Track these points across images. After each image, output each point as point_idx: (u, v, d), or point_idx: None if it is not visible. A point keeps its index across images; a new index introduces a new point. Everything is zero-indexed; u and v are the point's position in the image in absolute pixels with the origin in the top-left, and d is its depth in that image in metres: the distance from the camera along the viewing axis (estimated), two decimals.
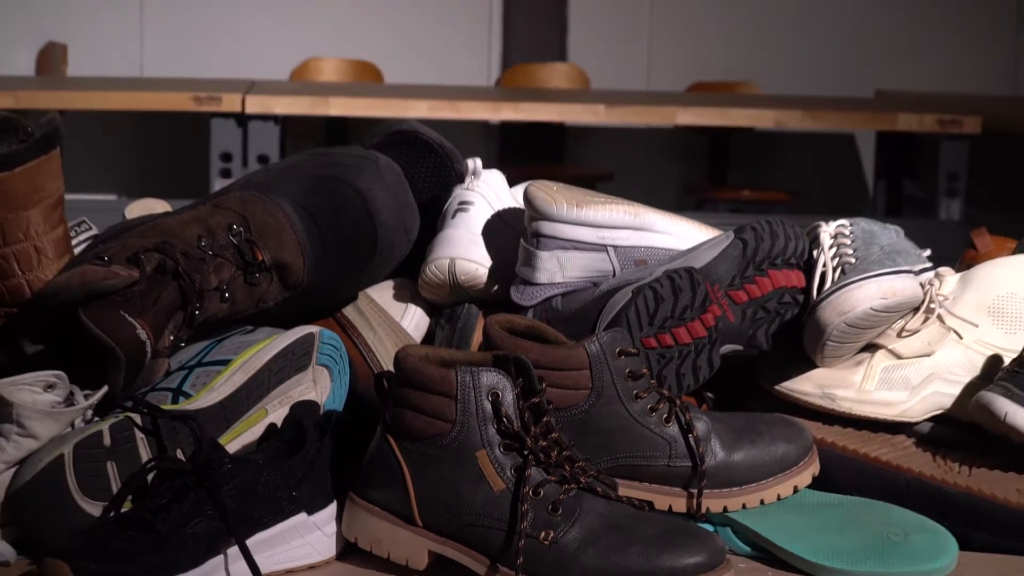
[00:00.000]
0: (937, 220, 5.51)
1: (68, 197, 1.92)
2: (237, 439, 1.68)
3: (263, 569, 1.49)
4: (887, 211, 6.15)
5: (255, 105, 5.42)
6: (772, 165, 7.28)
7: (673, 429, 1.67)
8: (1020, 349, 1.83)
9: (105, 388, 1.65)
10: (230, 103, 5.42)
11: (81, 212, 2.16)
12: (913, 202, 6.18)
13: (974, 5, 7.35)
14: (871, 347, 1.93)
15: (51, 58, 6.77)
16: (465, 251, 2.04)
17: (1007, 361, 1.85)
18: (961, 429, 1.87)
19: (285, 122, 5.53)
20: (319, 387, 1.75)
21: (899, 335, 1.93)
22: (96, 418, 1.66)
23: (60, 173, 1.90)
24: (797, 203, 6.80)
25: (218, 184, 5.35)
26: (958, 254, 2.30)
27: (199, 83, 5.93)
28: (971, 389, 1.88)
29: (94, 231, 2.06)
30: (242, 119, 5.43)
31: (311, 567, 1.58)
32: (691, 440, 1.66)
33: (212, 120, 5.44)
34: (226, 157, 5.43)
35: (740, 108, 5.92)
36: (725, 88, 7.06)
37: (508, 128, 7.05)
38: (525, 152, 7.08)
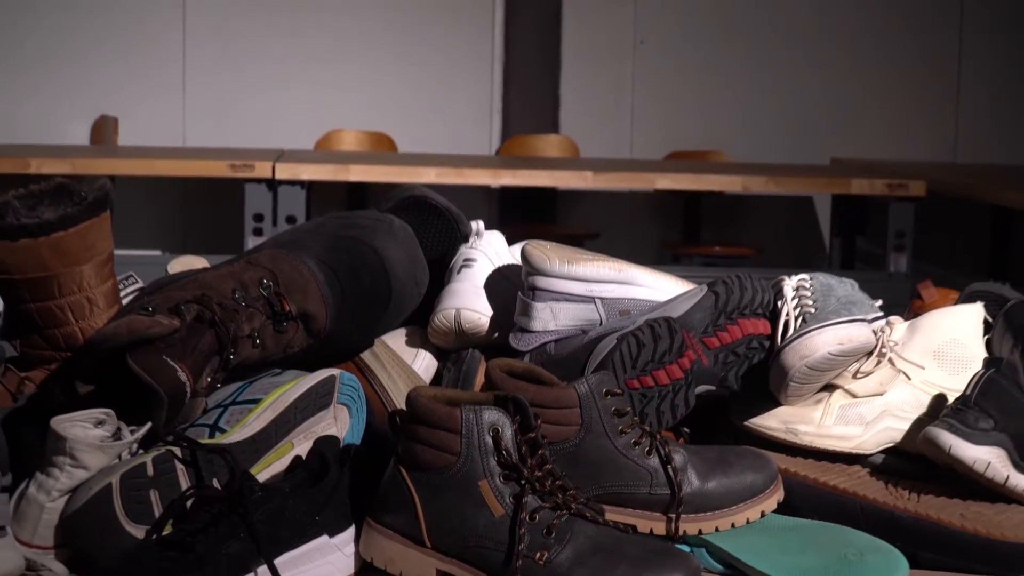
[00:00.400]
0: (887, 273, 5.51)
1: (117, 252, 1.92)
2: (267, 469, 1.67)
3: None
4: (842, 265, 6.15)
5: (284, 172, 5.42)
6: (740, 224, 7.28)
7: (654, 461, 1.66)
8: (963, 389, 1.82)
9: (149, 424, 1.64)
10: (262, 170, 5.42)
11: (129, 266, 2.16)
12: (865, 257, 6.18)
13: (918, 82, 7.37)
14: (829, 387, 1.92)
15: (104, 130, 6.78)
16: (469, 302, 2.04)
17: (951, 400, 1.85)
18: (910, 460, 1.87)
19: (310, 187, 5.53)
20: (340, 423, 1.75)
21: (854, 376, 1.92)
22: (141, 451, 1.65)
23: (110, 233, 1.90)
24: (762, 258, 6.80)
25: (251, 241, 5.35)
26: (906, 304, 2.30)
27: (234, 152, 5.94)
28: (919, 425, 1.87)
29: (140, 284, 2.06)
30: (272, 184, 5.43)
31: None
32: (670, 470, 1.65)
33: (246, 185, 5.44)
34: (258, 218, 5.43)
35: (712, 174, 5.92)
36: (698, 156, 7.07)
37: (507, 192, 7.05)
38: (522, 213, 7.09)
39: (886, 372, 1.93)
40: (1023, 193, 5.47)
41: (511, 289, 2.05)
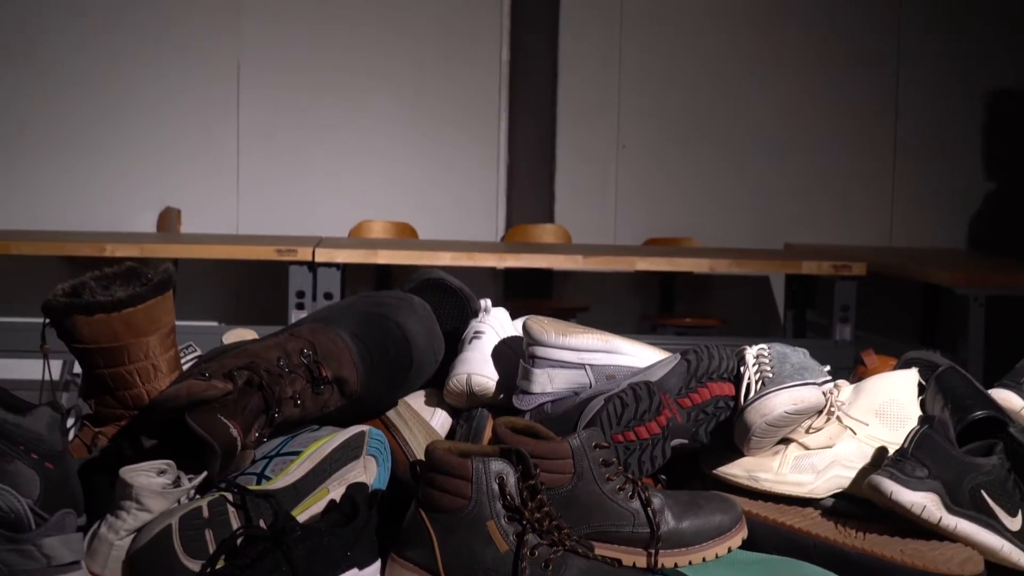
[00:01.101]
0: (833, 341, 5.50)
1: (178, 323, 1.91)
2: (306, 511, 1.66)
3: None
4: (794, 334, 6.14)
5: (322, 255, 5.42)
6: (707, 299, 7.28)
7: (636, 504, 1.65)
8: (901, 442, 1.81)
9: (205, 473, 1.63)
10: (303, 254, 5.43)
11: (189, 336, 2.15)
12: (814, 327, 6.17)
13: (858, 180, 7.38)
14: (786, 441, 1.91)
15: (168, 219, 6.80)
16: (479, 368, 2.03)
17: (891, 451, 1.84)
18: (857, 503, 1.86)
19: (344, 268, 5.53)
20: (368, 472, 1.74)
21: (807, 431, 1.91)
22: (198, 496, 1.63)
23: (173, 308, 1.89)
24: (727, 328, 6.78)
25: (294, 314, 5.35)
26: (851, 368, 2.29)
27: (280, 239, 5.95)
28: (864, 473, 1.86)
29: (198, 352, 2.05)
30: (312, 266, 5.43)
31: None
32: (649, 512, 1.65)
33: (290, 267, 5.44)
34: (300, 294, 5.42)
35: (683, 257, 5.92)
36: (672, 242, 7.08)
37: (510, 272, 7.06)
38: (523, 290, 7.09)
39: (835, 428, 1.92)
40: (949, 272, 5.47)
41: (514, 357, 2.04)
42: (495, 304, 2.20)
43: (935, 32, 7.32)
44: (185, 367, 1.91)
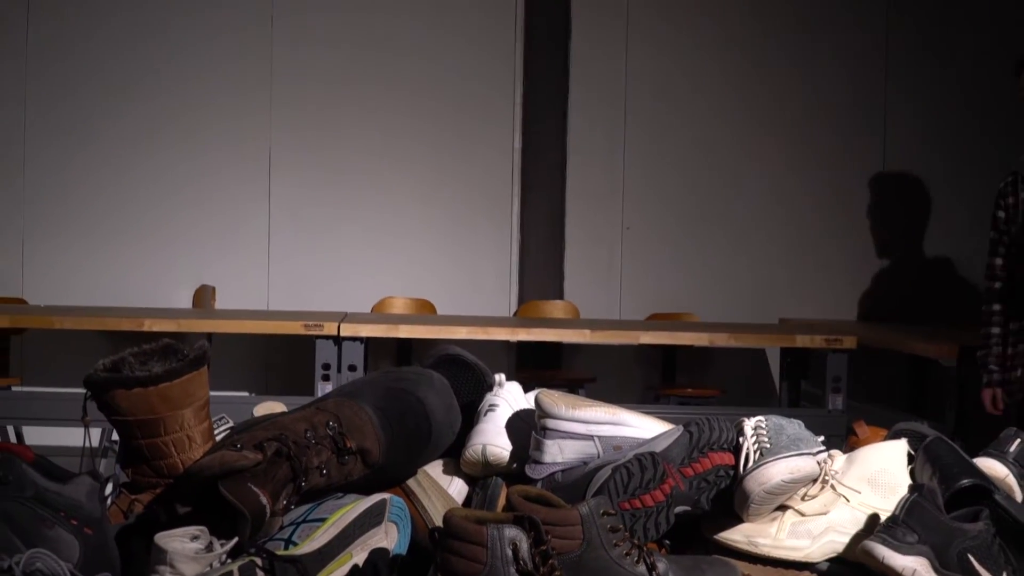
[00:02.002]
0: (826, 410, 5.47)
1: (212, 393, 1.91)
2: None
3: None
4: (789, 403, 6.12)
5: (347, 330, 5.43)
6: (707, 370, 7.26)
7: (641, 568, 1.64)
8: (892, 509, 1.80)
9: (236, 539, 1.62)
10: (329, 329, 5.43)
11: (222, 405, 2.14)
12: (808, 397, 6.14)
13: (846, 260, 7.38)
14: (783, 507, 1.90)
15: (204, 296, 6.82)
16: (493, 439, 2.02)
17: (883, 518, 1.83)
18: (851, 567, 1.84)
19: (368, 342, 5.54)
20: (389, 538, 1.73)
21: (803, 499, 1.90)
22: (229, 560, 1.62)
23: (207, 383, 1.89)
24: (725, 398, 6.76)
25: (320, 385, 5.34)
26: (843, 434, 2.27)
27: (308, 315, 5.95)
28: (857, 538, 1.85)
29: (231, 423, 2.05)
30: (337, 340, 5.43)
31: None
32: None
33: (317, 340, 5.44)
34: (326, 366, 5.42)
35: (684, 331, 5.91)
36: (674, 317, 7.07)
37: (522, 345, 7.05)
38: (534, 361, 7.08)
39: (829, 495, 1.91)
40: (935, 346, 5.45)
41: (527, 429, 2.04)
42: (508, 376, 2.20)
43: (917, 124, 7.36)
44: (218, 438, 1.91)
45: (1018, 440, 2.09)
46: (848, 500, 1.91)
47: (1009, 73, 4.66)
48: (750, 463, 1.86)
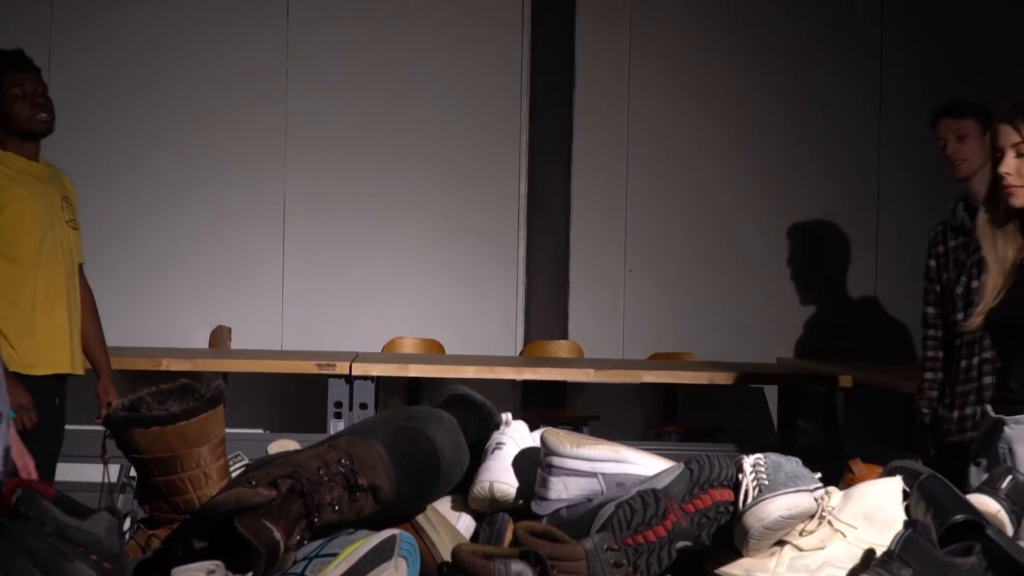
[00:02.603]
0: (823, 447, 5.45)
1: (227, 430, 1.90)
2: None
3: None
4: (787, 440, 6.09)
5: (359, 369, 5.43)
6: (708, 408, 7.23)
7: None
8: (888, 544, 1.79)
9: (250, 574, 1.62)
10: (341, 368, 5.43)
11: (237, 442, 2.14)
12: (805, 434, 6.12)
13: (843, 301, 7.38)
14: (781, 542, 1.89)
15: (220, 336, 6.82)
16: (500, 476, 2.02)
17: (879, 553, 1.81)
18: None
19: (379, 381, 5.53)
20: (399, 572, 1.71)
21: (800, 534, 1.89)
22: None
23: (223, 421, 1.89)
24: (725, 435, 6.73)
25: (332, 423, 5.34)
26: (840, 473, 2.26)
27: (320, 354, 5.94)
28: (854, 573, 1.84)
29: (246, 461, 2.05)
30: (349, 379, 5.43)
31: None
32: None
33: (329, 379, 5.44)
34: (338, 404, 5.42)
35: (685, 371, 5.91)
36: (675, 356, 7.06)
37: (528, 384, 7.04)
38: (539, 400, 7.06)
39: (826, 531, 1.90)
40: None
41: (533, 466, 2.03)
42: (514, 415, 2.20)
43: (911, 175, 7.37)
44: (234, 474, 1.91)
45: (1009, 477, 2.09)
46: (845, 535, 1.90)
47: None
48: (749, 499, 1.86)
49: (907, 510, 1.98)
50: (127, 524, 1.84)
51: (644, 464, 2.00)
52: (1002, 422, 2.81)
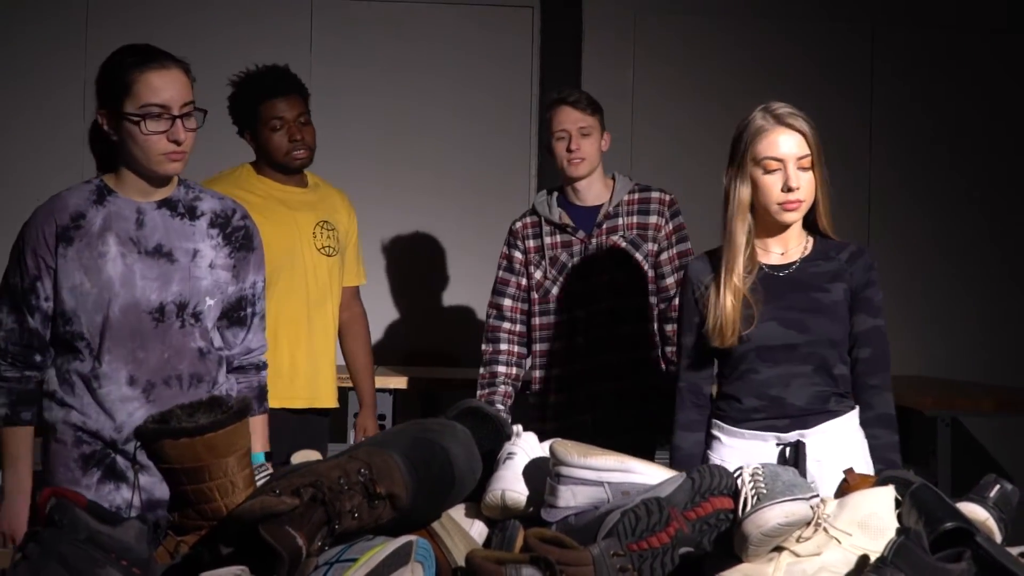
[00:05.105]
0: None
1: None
2: None
3: None
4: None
5: (377, 383, 5.38)
6: None
7: None
8: (881, 551, 1.78)
9: None
10: None
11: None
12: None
13: None
14: (779, 548, 1.88)
15: None
16: (512, 485, 2.03)
17: (872, 559, 1.80)
18: None
19: (396, 393, 5.52)
20: None
21: (797, 541, 1.88)
22: None
23: (249, 433, 1.89)
24: None
25: (351, 434, 5.32)
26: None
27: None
28: None
29: (270, 470, 2.05)
30: None
31: None
32: None
33: (349, 392, 5.40)
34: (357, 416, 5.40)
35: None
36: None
37: None
38: None
39: (822, 538, 1.88)
40: (919, 397, 5.39)
41: (542, 476, 2.03)
42: (526, 430, 2.20)
43: (903, 209, 7.37)
44: (258, 483, 1.90)
45: (997, 486, 2.08)
46: (840, 542, 1.89)
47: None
48: (748, 507, 1.85)
49: (899, 518, 1.97)
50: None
51: (648, 473, 2.00)
52: None
